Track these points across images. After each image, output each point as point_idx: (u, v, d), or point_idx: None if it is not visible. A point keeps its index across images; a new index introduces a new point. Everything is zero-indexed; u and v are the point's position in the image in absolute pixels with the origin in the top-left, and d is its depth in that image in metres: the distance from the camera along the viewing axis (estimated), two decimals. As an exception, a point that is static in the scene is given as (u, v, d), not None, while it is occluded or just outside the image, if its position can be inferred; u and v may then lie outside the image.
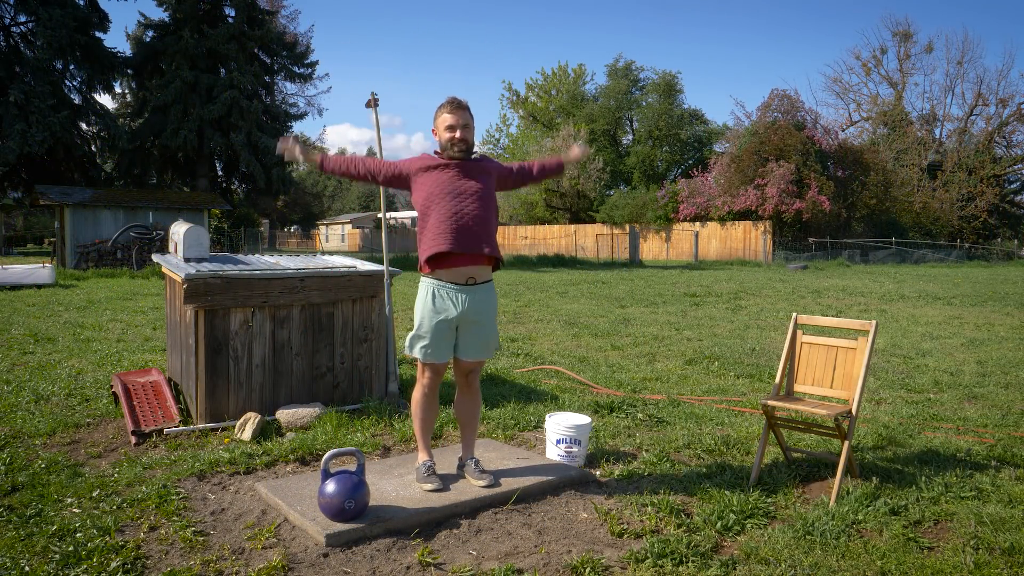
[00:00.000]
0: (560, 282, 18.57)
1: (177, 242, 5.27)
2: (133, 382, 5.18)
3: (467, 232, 3.45)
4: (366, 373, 5.11)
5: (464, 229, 3.44)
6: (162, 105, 28.30)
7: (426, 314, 3.50)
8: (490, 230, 3.54)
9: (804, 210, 31.12)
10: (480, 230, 3.48)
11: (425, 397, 3.62)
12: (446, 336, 3.53)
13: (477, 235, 3.47)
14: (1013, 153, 41.36)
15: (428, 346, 3.52)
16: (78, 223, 21.39)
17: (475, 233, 3.46)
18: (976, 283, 18.86)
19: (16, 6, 25.84)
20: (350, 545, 2.98)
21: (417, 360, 3.58)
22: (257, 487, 3.58)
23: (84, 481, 3.65)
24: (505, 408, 5.12)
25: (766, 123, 33.77)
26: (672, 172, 46.18)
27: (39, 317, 10.17)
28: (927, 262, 31.68)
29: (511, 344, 8.24)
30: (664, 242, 36.84)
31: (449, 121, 3.50)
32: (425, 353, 3.53)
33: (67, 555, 2.82)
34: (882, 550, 2.96)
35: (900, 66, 44.71)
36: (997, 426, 4.88)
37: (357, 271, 5.02)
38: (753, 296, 14.84)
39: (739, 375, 6.60)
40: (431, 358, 3.54)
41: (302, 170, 61.43)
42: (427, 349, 3.52)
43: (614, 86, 46.04)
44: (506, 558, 2.90)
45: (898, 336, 9.05)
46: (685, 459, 4.16)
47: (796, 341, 3.98)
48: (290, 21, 38.65)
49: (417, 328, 3.54)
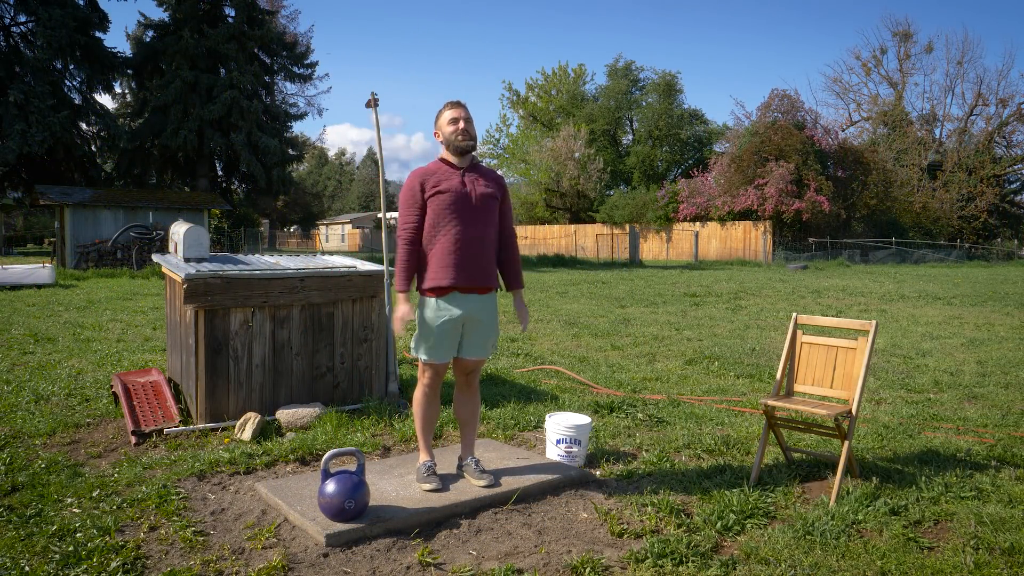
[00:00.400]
0: (560, 282, 18.57)
1: (177, 242, 5.27)
2: (133, 382, 5.18)
3: (473, 262, 3.46)
4: (366, 373, 5.11)
5: (472, 258, 3.45)
6: (162, 105, 28.27)
7: (431, 316, 3.50)
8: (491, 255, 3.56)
9: (803, 210, 31.12)
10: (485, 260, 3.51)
11: (426, 397, 3.63)
12: (451, 336, 3.52)
13: (482, 266, 3.49)
14: (1013, 153, 41.35)
15: (433, 347, 3.52)
16: (78, 223, 21.38)
17: (480, 262, 3.48)
18: (976, 283, 18.86)
19: (16, 6, 25.82)
20: (350, 545, 2.98)
21: (419, 360, 3.59)
22: (257, 487, 3.58)
23: (84, 481, 3.65)
24: (505, 408, 5.12)
25: (766, 123, 33.77)
26: (672, 172, 46.19)
27: (39, 317, 10.17)
28: (927, 262, 31.68)
29: (511, 344, 8.24)
30: (664, 242, 36.84)
31: (453, 115, 3.53)
32: (430, 353, 3.53)
33: (67, 555, 2.82)
34: (882, 550, 2.96)
35: (900, 66, 44.71)
36: (997, 426, 4.88)
37: (357, 271, 5.02)
38: (753, 296, 14.83)
39: (739, 375, 6.60)
40: (436, 358, 3.53)
41: (302, 170, 61.48)
42: (432, 350, 3.52)
43: (614, 86, 46.04)
44: (506, 558, 2.90)
45: (898, 336, 9.05)
46: (685, 459, 4.16)
47: (796, 341, 3.98)
48: (290, 21, 38.66)
49: (421, 329, 3.55)
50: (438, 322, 3.49)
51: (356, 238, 57.82)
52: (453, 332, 3.53)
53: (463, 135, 3.51)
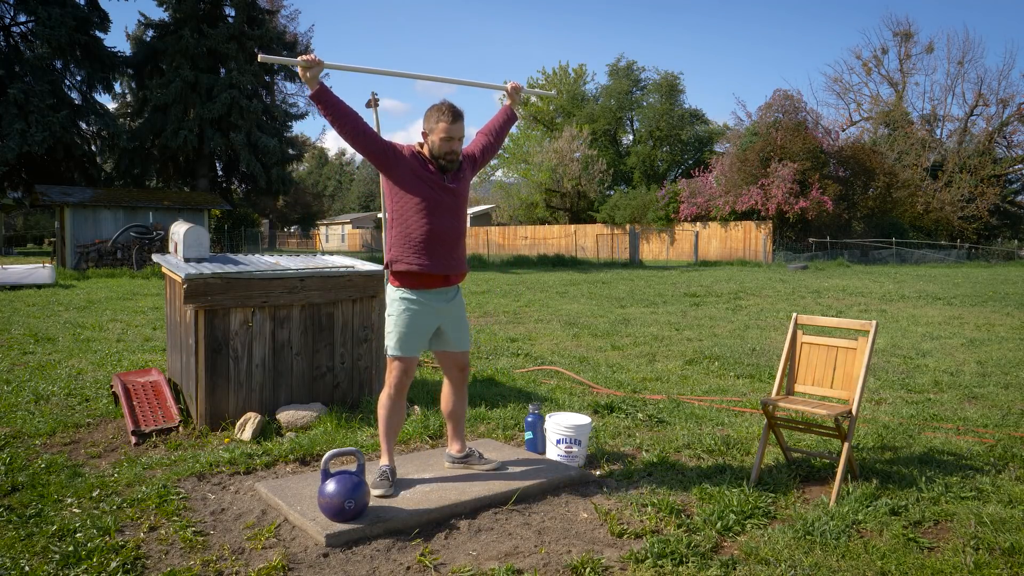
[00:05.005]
0: (560, 282, 18.56)
1: (177, 242, 5.27)
2: (133, 382, 5.18)
3: (448, 254, 3.50)
4: (366, 373, 5.11)
5: (446, 251, 3.48)
6: (162, 105, 28.28)
7: (403, 307, 3.48)
8: (464, 244, 3.63)
9: (808, 209, 31.11)
10: (460, 251, 3.57)
11: (392, 400, 3.52)
12: (423, 329, 3.50)
13: (457, 257, 3.56)
14: (1013, 153, 41.33)
15: (403, 339, 3.46)
16: (78, 223, 21.39)
17: (456, 256, 3.54)
18: (976, 283, 18.86)
19: (16, 6, 25.82)
20: (350, 545, 2.98)
21: (389, 357, 3.52)
22: (257, 487, 3.58)
23: (84, 481, 3.65)
24: (505, 408, 5.12)
25: (768, 123, 33.77)
26: (673, 172, 46.18)
27: (39, 317, 10.17)
28: (927, 262, 31.66)
29: (511, 344, 8.23)
30: (664, 242, 36.84)
31: (448, 133, 3.43)
32: (400, 347, 3.47)
33: (67, 555, 2.82)
34: (882, 550, 2.96)
35: (901, 66, 44.70)
36: (997, 426, 4.88)
37: (357, 271, 5.02)
38: (753, 296, 14.83)
39: (739, 375, 6.60)
40: (405, 351, 3.47)
41: (302, 170, 61.40)
42: (402, 342, 3.46)
43: (615, 86, 46.05)
44: (506, 558, 2.90)
45: (898, 336, 9.05)
46: (685, 459, 4.16)
47: (796, 341, 3.98)
48: (290, 21, 38.61)
49: (393, 319, 3.50)
50: (410, 312, 3.46)
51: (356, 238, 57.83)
52: (426, 325, 3.51)
53: (451, 155, 3.47)
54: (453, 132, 3.44)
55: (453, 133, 3.44)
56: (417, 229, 3.43)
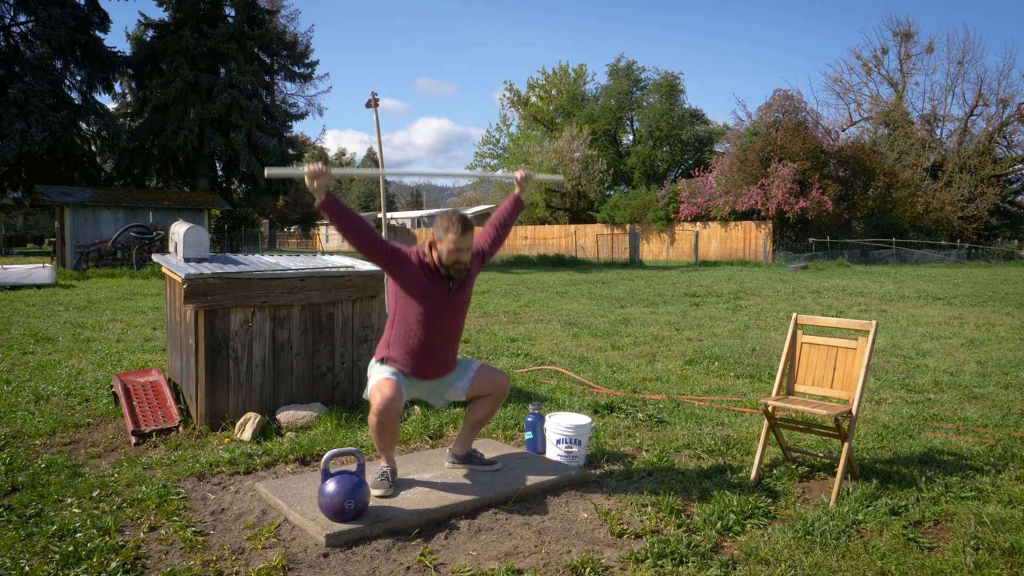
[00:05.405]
0: (560, 282, 18.56)
1: (177, 242, 5.27)
2: (133, 382, 5.18)
3: (442, 357, 3.58)
4: (366, 373, 5.10)
5: (439, 356, 3.56)
6: (162, 105, 28.27)
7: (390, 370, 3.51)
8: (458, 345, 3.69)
9: (808, 209, 31.11)
10: (450, 356, 3.63)
11: (382, 424, 3.37)
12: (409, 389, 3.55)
13: (451, 358, 3.63)
14: (1013, 153, 41.32)
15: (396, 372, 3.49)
16: (78, 223, 21.38)
17: (449, 357, 3.61)
18: (976, 283, 18.86)
19: (16, 6, 25.81)
20: (350, 545, 2.98)
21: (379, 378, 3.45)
22: (257, 487, 3.58)
23: (84, 481, 3.65)
24: (505, 408, 5.11)
25: (768, 123, 33.76)
26: (673, 172, 46.15)
27: (39, 317, 10.17)
28: (927, 262, 31.66)
29: (511, 344, 8.23)
30: (664, 243, 36.83)
31: (457, 244, 3.40)
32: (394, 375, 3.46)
33: (67, 555, 2.82)
34: (882, 550, 2.96)
35: (901, 66, 44.66)
36: (997, 426, 4.88)
37: (357, 271, 5.02)
38: (753, 296, 14.83)
39: (739, 375, 6.60)
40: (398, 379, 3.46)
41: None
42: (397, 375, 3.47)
43: (615, 86, 46.02)
44: (506, 558, 2.90)
45: (898, 336, 9.05)
46: (685, 459, 4.16)
47: (796, 341, 3.98)
48: (290, 21, 38.55)
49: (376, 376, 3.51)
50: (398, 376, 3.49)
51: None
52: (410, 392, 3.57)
53: (459, 265, 3.47)
54: (462, 244, 3.41)
55: (462, 244, 3.41)
56: (416, 338, 3.49)
